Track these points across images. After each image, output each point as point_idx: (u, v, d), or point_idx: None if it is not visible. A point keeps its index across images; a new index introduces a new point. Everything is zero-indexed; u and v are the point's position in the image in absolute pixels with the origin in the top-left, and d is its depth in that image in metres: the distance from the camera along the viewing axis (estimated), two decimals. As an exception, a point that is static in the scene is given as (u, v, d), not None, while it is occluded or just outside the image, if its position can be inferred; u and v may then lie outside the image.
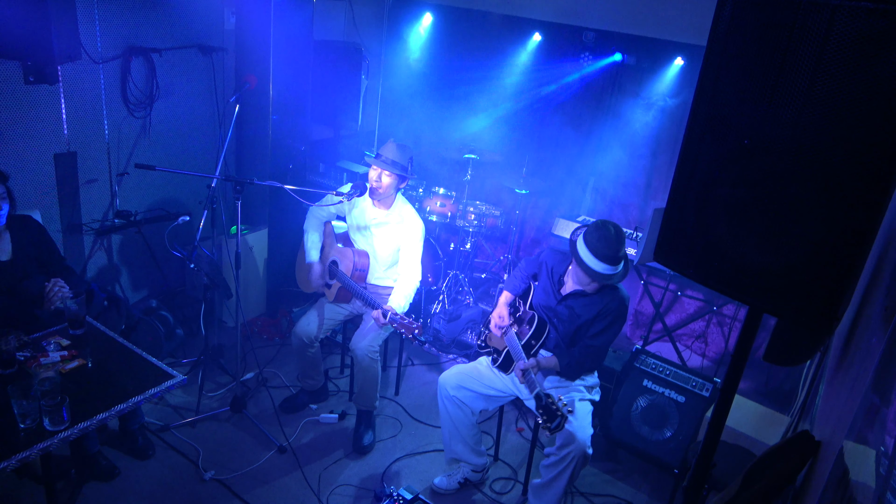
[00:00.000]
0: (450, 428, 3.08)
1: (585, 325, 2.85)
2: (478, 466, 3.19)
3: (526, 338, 2.86)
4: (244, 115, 4.29)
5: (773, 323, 1.99)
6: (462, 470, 3.21)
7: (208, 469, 3.09)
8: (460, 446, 3.11)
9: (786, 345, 1.86)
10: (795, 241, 1.28)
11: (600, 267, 2.70)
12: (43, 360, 2.42)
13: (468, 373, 3.06)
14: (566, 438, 2.72)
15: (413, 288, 3.32)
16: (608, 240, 2.68)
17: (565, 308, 2.89)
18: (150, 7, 3.82)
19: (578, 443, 2.69)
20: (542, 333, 2.88)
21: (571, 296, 2.88)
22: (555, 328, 2.91)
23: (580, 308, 2.85)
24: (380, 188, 3.27)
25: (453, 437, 3.10)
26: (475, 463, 3.17)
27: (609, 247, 2.68)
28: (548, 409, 2.55)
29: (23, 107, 3.33)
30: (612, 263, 2.71)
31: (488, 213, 4.67)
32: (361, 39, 5.31)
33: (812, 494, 1.74)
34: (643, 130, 4.76)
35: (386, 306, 3.08)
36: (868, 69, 1.13)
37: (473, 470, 3.20)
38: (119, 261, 4.08)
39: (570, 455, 2.72)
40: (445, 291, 4.63)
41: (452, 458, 3.19)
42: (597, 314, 2.82)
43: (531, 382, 2.67)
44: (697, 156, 1.46)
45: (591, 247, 2.70)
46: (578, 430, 2.71)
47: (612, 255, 2.69)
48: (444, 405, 3.06)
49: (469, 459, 3.15)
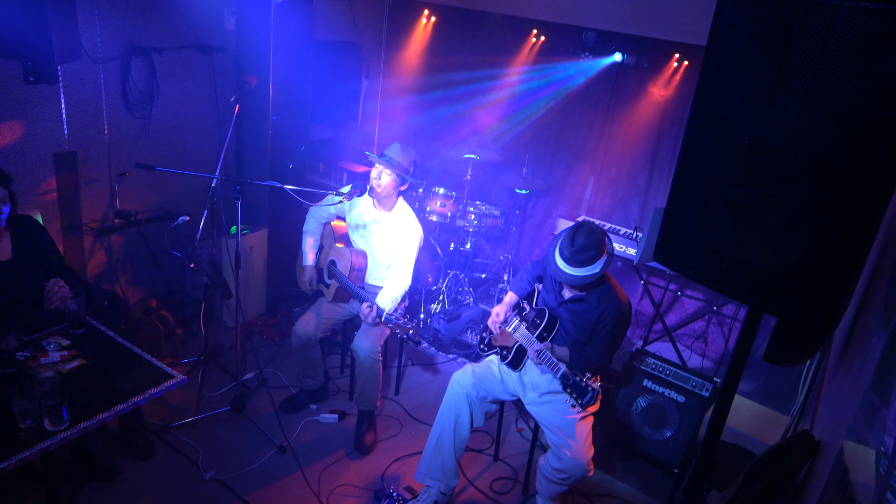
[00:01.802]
0: (446, 432, 2.94)
1: (589, 328, 2.81)
2: (449, 489, 3.01)
3: (539, 330, 2.83)
4: (244, 115, 4.29)
5: (773, 323, 1.99)
6: (432, 489, 3.00)
7: (208, 469, 3.09)
8: (443, 458, 2.94)
9: (786, 345, 1.87)
10: (796, 241, 1.28)
11: (569, 270, 2.62)
12: (43, 360, 2.42)
13: (483, 373, 3.00)
14: (565, 464, 2.70)
15: (400, 291, 3.30)
16: (573, 243, 2.60)
17: (566, 311, 2.85)
18: (150, 7, 3.82)
19: (577, 467, 2.69)
20: (553, 328, 2.85)
21: (570, 301, 2.84)
22: (564, 327, 2.89)
23: (580, 313, 2.81)
24: (379, 187, 3.26)
25: (442, 444, 2.94)
26: (449, 483, 2.99)
27: (574, 250, 2.59)
28: (576, 387, 2.53)
29: (23, 107, 3.33)
30: (579, 266, 2.61)
31: (488, 213, 4.67)
32: (361, 39, 5.31)
33: (812, 494, 1.74)
34: (643, 130, 4.76)
35: (378, 303, 3.09)
36: (868, 69, 1.13)
37: (443, 492, 2.99)
38: (119, 261, 4.08)
39: (569, 479, 2.75)
40: (445, 291, 4.63)
41: (427, 474, 2.98)
42: (596, 320, 2.78)
43: (552, 363, 2.64)
44: (697, 156, 1.46)
45: (561, 252, 2.65)
46: (578, 455, 2.69)
47: (578, 258, 2.59)
48: (452, 404, 2.95)
49: (446, 478, 2.97)
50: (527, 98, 5.19)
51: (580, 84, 4.92)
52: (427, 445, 3.01)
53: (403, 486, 3.15)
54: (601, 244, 2.62)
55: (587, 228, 2.63)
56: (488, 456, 3.50)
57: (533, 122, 5.23)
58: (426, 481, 3.01)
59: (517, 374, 2.98)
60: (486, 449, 3.54)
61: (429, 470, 2.98)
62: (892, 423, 1.29)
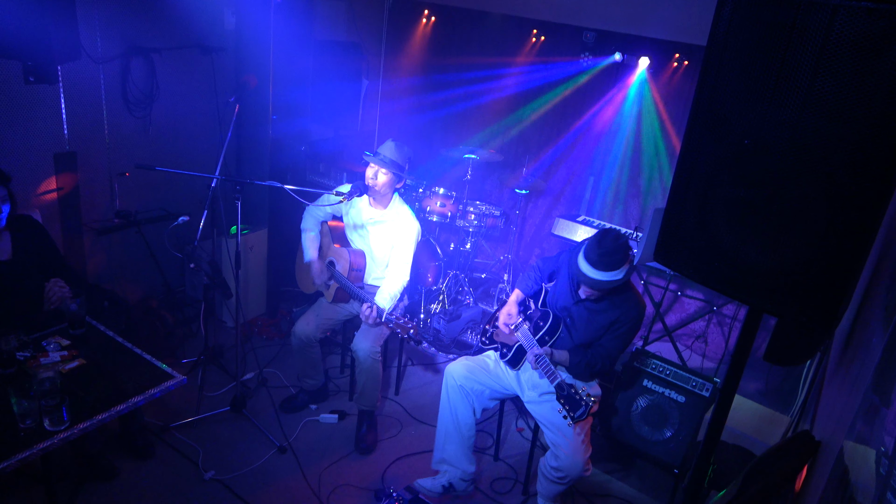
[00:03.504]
0: (449, 424, 3.01)
1: (601, 329, 2.81)
2: (467, 474, 3.07)
3: (541, 333, 2.84)
4: (244, 115, 4.29)
5: (773, 323, 1.99)
6: (448, 474, 3.08)
7: (208, 469, 3.09)
8: (453, 447, 3.01)
9: (786, 345, 1.87)
10: (795, 241, 1.28)
11: (594, 274, 2.62)
12: (43, 360, 2.42)
13: (477, 365, 3.03)
14: (562, 463, 2.71)
15: (399, 287, 3.30)
16: (599, 246, 2.62)
17: (584, 309, 2.83)
18: (150, 7, 3.82)
19: (574, 466, 2.70)
20: (556, 330, 2.86)
21: (588, 300, 2.82)
22: (568, 330, 2.88)
23: (597, 312, 2.80)
24: (375, 186, 3.27)
25: (450, 436, 3.01)
26: (466, 470, 3.05)
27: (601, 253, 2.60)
28: (570, 399, 2.55)
29: (23, 107, 3.32)
30: (605, 269, 2.62)
31: (488, 213, 4.67)
32: (361, 39, 5.30)
33: (812, 494, 1.74)
34: (643, 130, 4.76)
35: (377, 302, 3.09)
36: (868, 69, 1.13)
37: (462, 478, 3.07)
38: (119, 261, 4.08)
39: (566, 479, 2.76)
40: (445, 291, 4.63)
41: (441, 460, 3.07)
42: (614, 320, 2.77)
43: (549, 371, 2.65)
44: (697, 156, 1.46)
45: (587, 255, 2.65)
46: (574, 454, 2.70)
47: (605, 262, 2.60)
48: (449, 397, 2.99)
49: (460, 464, 3.04)
50: (527, 98, 5.19)
51: (580, 84, 4.92)
52: (437, 437, 3.09)
53: (403, 486, 3.15)
54: (626, 251, 2.64)
55: (615, 234, 2.66)
56: (488, 456, 3.50)
57: (533, 122, 5.23)
58: (440, 468, 3.10)
59: (515, 373, 2.99)
60: (487, 449, 3.54)
61: (442, 459, 3.08)
62: (892, 423, 1.29)
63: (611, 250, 2.60)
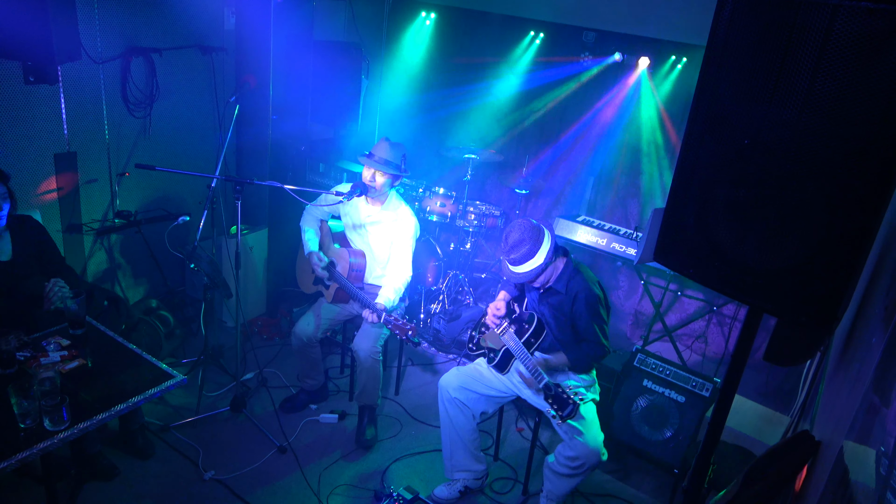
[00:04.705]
0: (451, 434, 3.03)
1: (569, 319, 2.83)
2: (479, 473, 3.14)
3: (526, 335, 2.85)
4: (244, 115, 4.29)
5: (773, 323, 1.99)
6: (462, 479, 3.14)
7: (208, 469, 3.09)
8: (461, 454, 3.06)
9: (786, 345, 1.86)
10: (795, 241, 1.28)
11: (516, 269, 2.68)
12: (43, 360, 2.42)
13: (469, 374, 3.04)
14: (578, 451, 2.69)
15: (402, 283, 3.31)
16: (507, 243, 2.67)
17: (546, 306, 2.88)
18: (150, 7, 3.82)
19: (591, 452, 2.68)
20: (542, 332, 2.87)
21: (546, 294, 2.86)
22: (550, 328, 2.90)
23: (555, 305, 2.83)
24: (374, 187, 3.27)
25: (455, 445, 3.04)
26: (476, 470, 3.12)
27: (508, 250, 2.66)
28: (558, 398, 2.55)
29: (23, 107, 3.32)
30: (521, 262, 2.66)
31: (488, 213, 4.67)
32: (361, 39, 5.30)
33: (812, 494, 1.74)
34: (643, 130, 4.76)
35: (377, 303, 3.09)
36: (868, 69, 1.13)
37: (475, 478, 3.14)
38: (119, 261, 4.08)
39: (584, 466, 2.73)
40: (445, 291, 4.63)
41: (452, 468, 3.11)
42: (572, 305, 2.79)
43: (535, 372, 2.65)
44: (697, 156, 1.46)
45: (504, 254, 2.70)
46: (589, 439, 2.69)
47: (517, 257, 2.65)
48: (446, 409, 3.02)
49: (470, 467, 3.10)
50: (527, 98, 5.19)
51: (580, 84, 4.92)
52: (443, 448, 3.12)
53: (403, 486, 3.15)
54: (535, 236, 2.64)
55: (517, 225, 2.68)
56: (488, 456, 3.50)
57: (533, 122, 5.22)
58: (453, 475, 3.13)
59: (506, 375, 2.98)
60: (487, 449, 3.54)
61: (453, 468, 3.11)
62: (893, 423, 1.28)
63: (516, 243, 2.64)
